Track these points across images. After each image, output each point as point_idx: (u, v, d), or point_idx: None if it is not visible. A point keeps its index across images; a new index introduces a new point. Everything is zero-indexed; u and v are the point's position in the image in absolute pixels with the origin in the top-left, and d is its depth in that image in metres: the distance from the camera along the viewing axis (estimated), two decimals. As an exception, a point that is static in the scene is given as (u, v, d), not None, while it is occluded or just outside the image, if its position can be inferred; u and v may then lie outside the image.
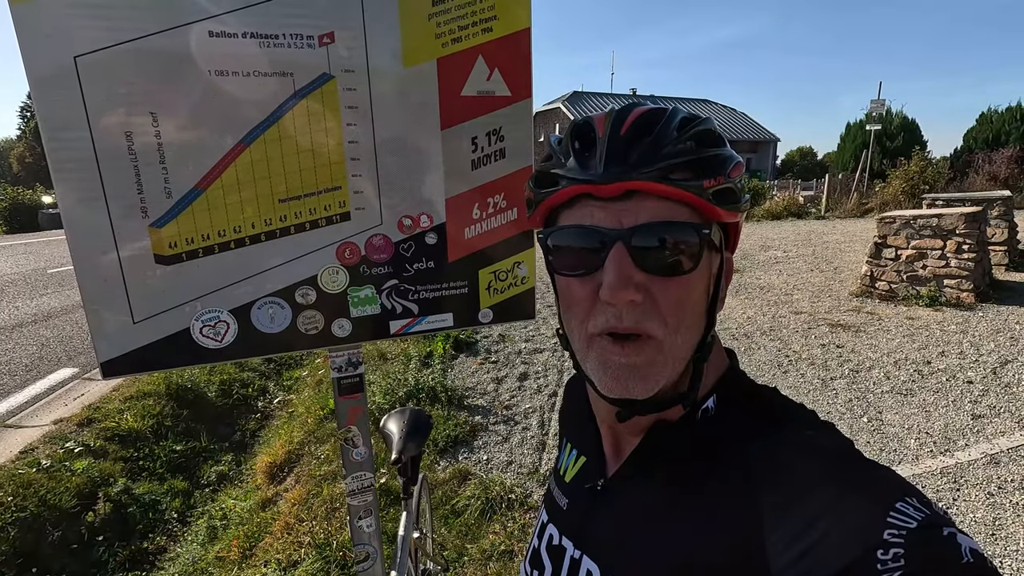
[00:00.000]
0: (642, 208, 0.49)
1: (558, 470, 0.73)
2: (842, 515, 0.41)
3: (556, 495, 0.69)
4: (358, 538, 1.38)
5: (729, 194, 0.50)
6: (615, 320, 0.50)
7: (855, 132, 22.83)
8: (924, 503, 0.41)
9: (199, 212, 1.07)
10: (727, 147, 0.52)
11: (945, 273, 5.85)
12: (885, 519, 0.39)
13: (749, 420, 0.53)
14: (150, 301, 1.07)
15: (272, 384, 5.31)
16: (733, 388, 0.57)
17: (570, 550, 0.62)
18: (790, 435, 0.50)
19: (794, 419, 0.53)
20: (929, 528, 0.39)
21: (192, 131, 1.03)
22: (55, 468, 3.30)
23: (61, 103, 0.94)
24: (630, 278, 0.48)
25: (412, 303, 1.27)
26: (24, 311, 7.14)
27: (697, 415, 0.55)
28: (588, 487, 0.63)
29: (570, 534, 0.63)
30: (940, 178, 13.91)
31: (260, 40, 1.03)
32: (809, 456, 0.47)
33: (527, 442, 3.42)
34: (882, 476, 0.44)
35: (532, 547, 0.69)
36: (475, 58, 1.20)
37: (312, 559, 2.45)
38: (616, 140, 0.49)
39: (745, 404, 0.55)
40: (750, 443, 0.50)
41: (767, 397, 0.56)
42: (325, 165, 1.13)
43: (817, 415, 0.54)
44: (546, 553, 0.65)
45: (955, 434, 3.32)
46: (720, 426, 0.54)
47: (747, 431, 0.52)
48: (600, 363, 0.52)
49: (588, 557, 0.59)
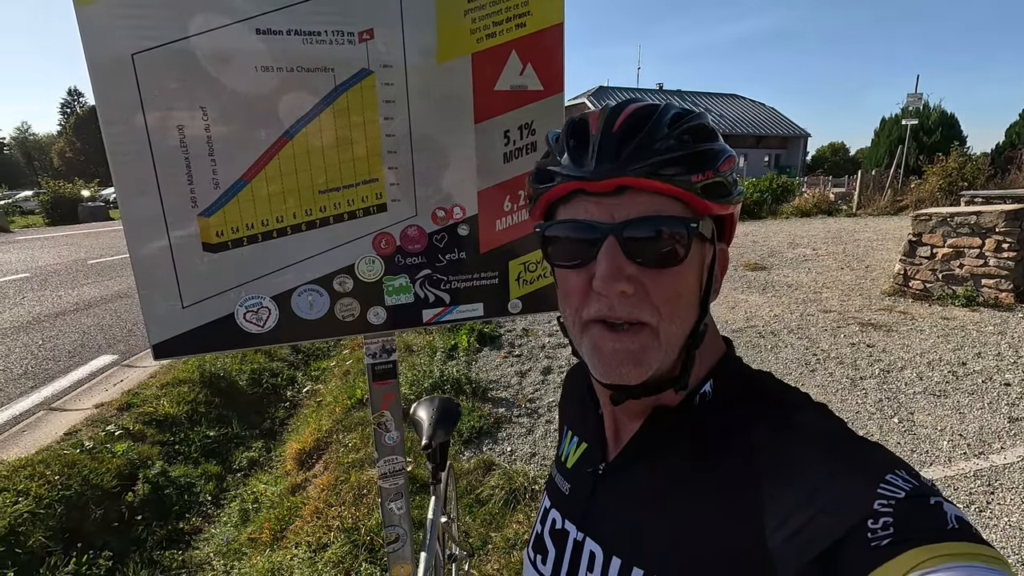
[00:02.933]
0: (634, 203, 0.51)
1: (559, 457, 0.74)
2: (835, 490, 0.43)
3: (558, 481, 0.71)
4: (389, 520, 1.43)
5: (719, 188, 0.52)
6: (607, 309, 0.52)
7: (890, 127, 22.16)
8: (912, 475, 0.43)
9: (244, 202, 1.12)
10: (718, 141, 0.53)
11: (983, 272, 5.68)
12: (875, 490, 0.41)
13: (746, 404, 0.55)
14: (198, 287, 1.13)
15: (300, 374, 5.44)
16: (730, 374, 0.59)
17: (573, 533, 0.63)
18: (786, 418, 0.52)
19: (789, 403, 0.54)
20: (917, 497, 0.41)
21: (239, 125, 1.08)
22: (97, 450, 3.45)
23: (119, 98, 1.00)
24: (621, 270, 0.50)
25: (444, 292, 1.30)
26: (66, 300, 7.43)
27: (695, 400, 0.57)
28: (589, 471, 0.65)
29: (572, 518, 0.65)
30: (980, 175, 13.45)
31: (304, 37, 1.08)
32: (804, 437, 0.49)
33: (550, 435, 3.45)
34: (873, 452, 0.47)
35: (535, 532, 0.71)
36: (508, 53, 1.22)
37: (341, 543, 2.52)
38: (608, 137, 0.51)
39: (742, 389, 0.57)
40: (747, 427, 0.52)
41: (763, 382, 0.58)
42: (363, 157, 1.17)
43: (811, 398, 0.55)
44: (549, 537, 0.67)
45: (990, 437, 3.23)
46: (717, 410, 0.56)
47: (744, 415, 0.54)
48: (593, 349, 0.54)
49: (591, 539, 0.61)
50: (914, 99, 16.65)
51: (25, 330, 6.07)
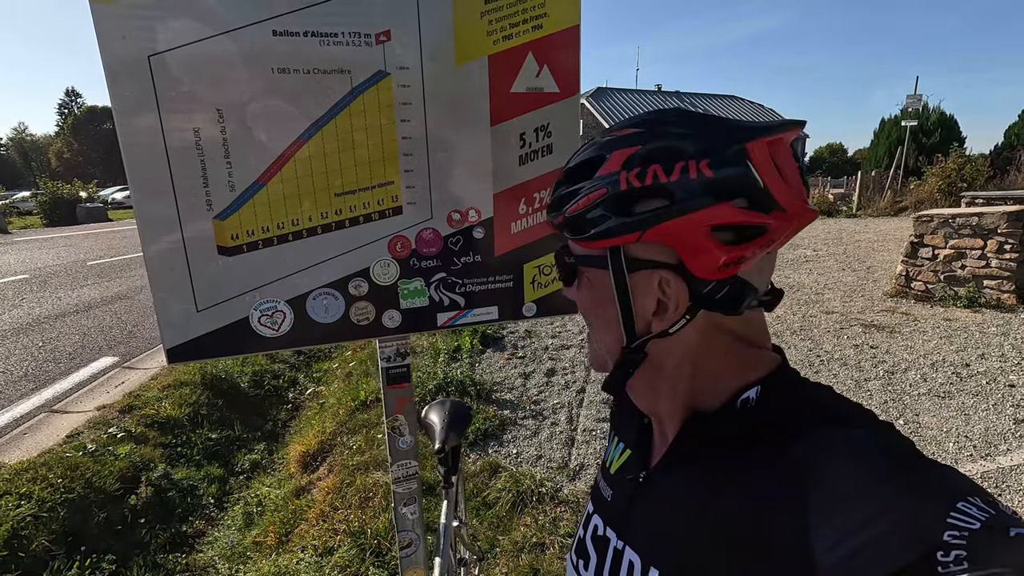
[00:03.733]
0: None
1: (605, 462, 0.74)
2: (898, 515, 0.39)
3: (602, 486, 0.70)
4: (402, 525, 1.42)
5: (572, 225, 0.56)
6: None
7: (890, 128, 22.19)
8: (989, 503, 0.39)
9: (260, 205, 1.11)
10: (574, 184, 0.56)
11: (985, 273, 5.68)
12: (945, 519, 0.37)
13: (796, 415, 0.52)
14: (213, 290, 1.12)
15: (302, 376, 5.42)
16: (780, 382, 0.56)
17: (613, 541, 0.63)
18: (841, 433, 0.48)
19: (845, 417, 0.51)
20: (994, 529, 0.37)
21: (255, 127, 1.07)
22: (99, 452, 3.43)
23: (135, 99, 0.99)
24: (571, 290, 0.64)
25: (459, 296, 1.29)
26: (66, 302, 7.40)
27: (736, 404, 0.55)
28: (630, 478, 0.64)
29: (613, 525, 0.64)
30: (979, 176, 13.46)
31: (320, 39, 1.07)
32: (861, 454, 0.45)
33: (556, 437, 3.43)
34: (943, 475, 0.42)
35: (578, 537, 0.70)
36: (525, 55, 1.21)
37: (347, 546, 2.50)
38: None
39: (792, 399, 0.54)
40: (796, 438, 0.49)
41: (817, 394, 0.55)
42: (379, 160, 1.16)
43: (875, 415, 0.51)
44: (591, 543, 0.66)
45: (996, 438, 3.23)
46: (762, 418, 0.53)
47: (793, 426, 0.51)
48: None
49: (630, 548, 0.59)
50: (913, 100, 16.68)
51: (25, 332, 6.04)
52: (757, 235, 0.50)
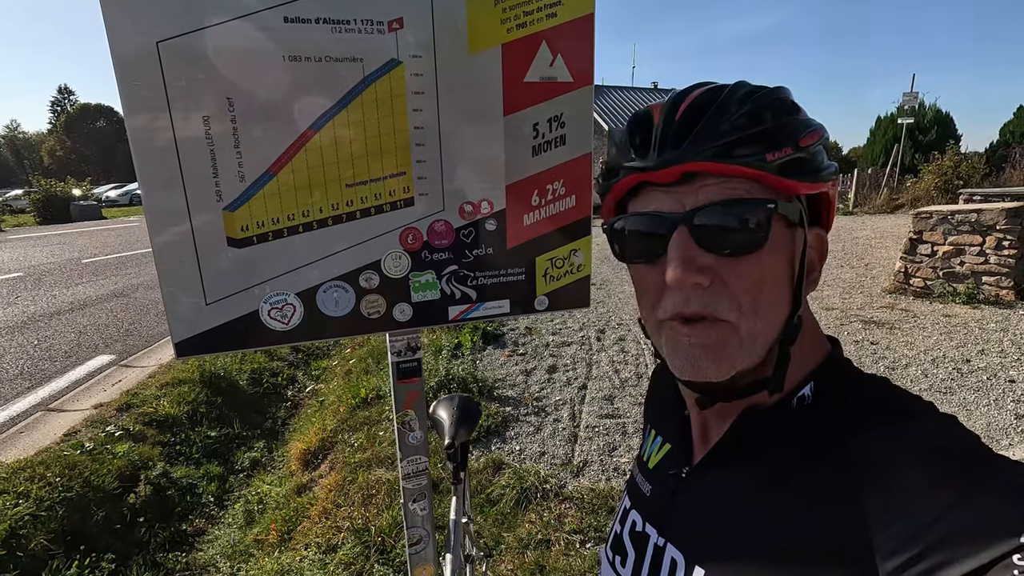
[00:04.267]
0: (704, 189, 0.48)
1: (641, 456, 0.72)
2: (969, 514, 0.38)
3: (639, 481, 0.68)
4: (411, 521, 1.40)
5: (800, 164, 0.47)
6: (683, 304, 0.49)
7: (886, 126, 22.25)
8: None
9: (270, 196, 1.08)
10: (798, 115, 0.49)
11: (984, 270, 5.70)
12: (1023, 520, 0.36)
13: (853, 411, 0.49)
14: (222, 283, 1.09)
15: (301, 373, 5.40)
16: (835, 376, 0.54)
17: (653, 537, 0.61)
18: (901, 428, 0.46)
19: (906, 410, 0.48)
20: None
21: (265, 116, 1.04)
22: (97, 451, 3.40)
23: (144, 87, 0.96)
24: (693, 260, 0.47)
25: (471, 289, 1.27)
26: (61, 300, 7.34)
27: (792, 402, 0.53)
28: (672, 474, 0.62)
29: (653, 521, 0.62)
30: (975, 173, 13.53)
31: (332, 26, 1.04)
32: (924, 451, 0.43)
33: (559, 434, 3.42)
34: (1016, 472, 0.40)
35: (614, 532, 0.68)
36: (539, 44, 1.19)
37: (351, 544, 2.49)
38: (670, 125, 0.49)
39: (848, 393, 0.52)
40: (853, 436, 0.47)
41: (875, 387, 0.52)
42: (391, 150, 1.14)
43: (936, 407, 0.48)
44: (629, 539, 0.64)
45: (998, 434, 3.24)
46: (819, 416, 0.51)
47: (850, 423, 0.48)
48: (671, 346, 0.52)
49: (672, 545, 0.58)
50: (910, 98, 16.70)
51: (20, 330, 5.98)
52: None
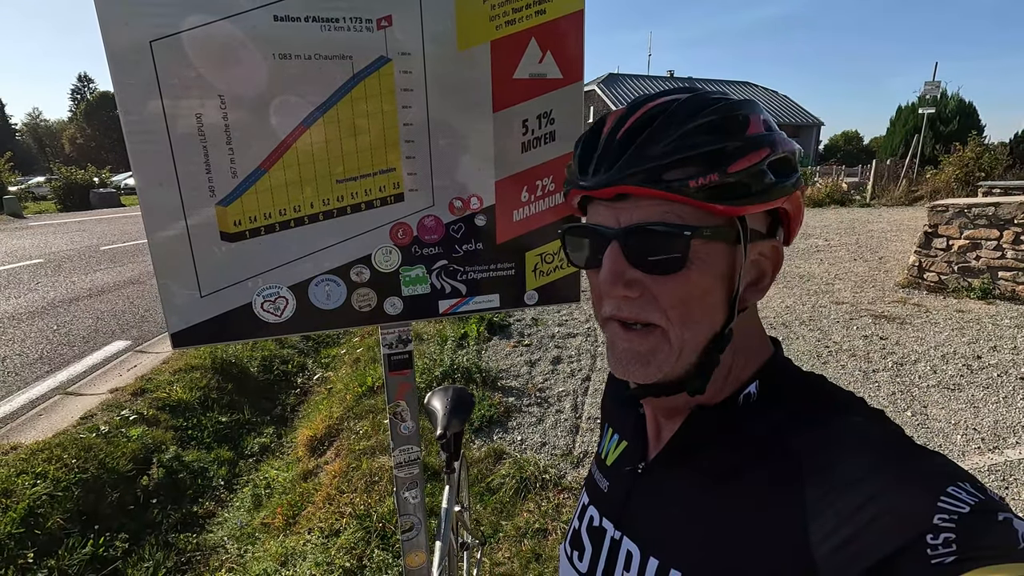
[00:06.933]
0: (637, 208, 0.50)
1: (599, 454, 0.74)
2: (890, 500, 0.41)
3: (597, 478, 0.70)
4: (404, 509, 1.44)
5: (728, 189, 0.48)
6: (616, 309, 0.53)
7: (906, 116, 21.80)
8: (978, 488, 0.40)
9: (262, 192, 1.11)
10: (738, 135, 0.48)
11: (1000, 265, 5.60)
12: (936, 503, 0.39)
13: (792, 407, 0.53)
14: (216, 276, 1.13)
15: (311, 361, 5.47)
16: (777, 375, 0.57)
17: (610, 531, 0.63)
18: (837, 423, 0.49)
19: (839, 406, 0.52)
20: (982, 513, 0.38)
21: (257, 113, 1.07)
22: (112, 434, 3.49)
23: (137, 85, 0.99)
24: (622, 275, 0.51)
25: (460, 283, 1.29)
26: (80, 286, 7.50)
27: (739, 400, 0.55)
28: (628, 470, 0.64)
29: (610, 516, 0.64)
30: (997, 165, 13.20)
31: (322, 24, 1.06)
32: (857, 444, 0.47)
33: (560, 424, 3.45)
34: (933, 461, 0.44)
35: (572, 528, 0.71)
36: (528, 40, 1.20)
37: (353, 529, 2.55)
38: (610, 144, 0.50)
39: (789, 391, 0.55)
40: (792, 429, 0.50)
41: (814, 385, 0.56)
42: (380, 147, 1.16)
43: (866, 403, 0.53)
44: (587, 534, 0.67)
45: (1006, 431, 3.20)
46: (763, 413, 0.54)
47: (789, 417, 0.52)
48: (609, 344, 0.57)
49: (628, 538, 0.60)
50: (931, 87, 16.33)
51: (40, 315, 6.14)
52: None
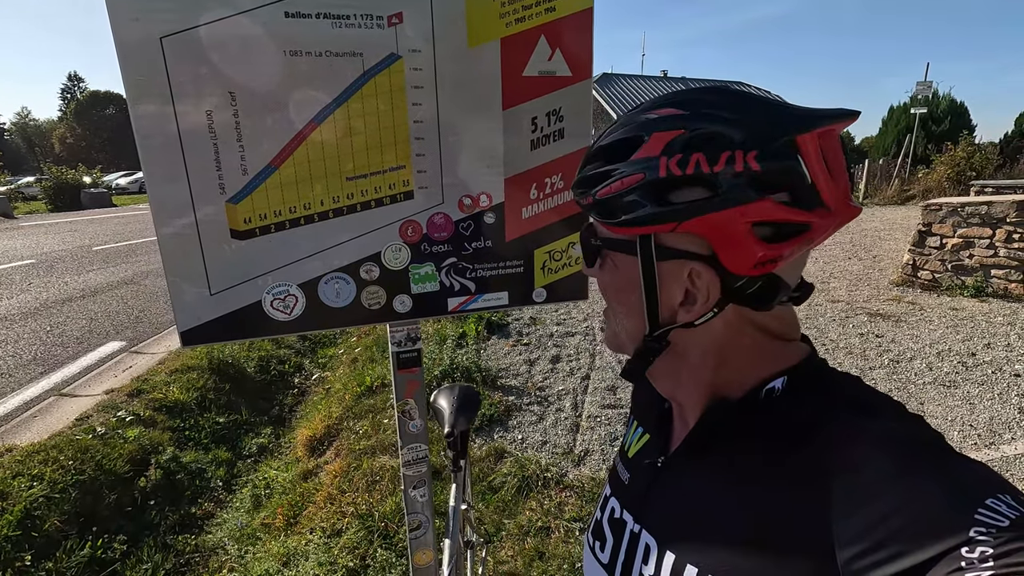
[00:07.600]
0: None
1: (623, 447, 0.74)
2: (924, 508, 0.39)
3: (620, 470, 0.71)
4: (411, 507, 1.43)
5: (603, 208, 0.53)
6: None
7: (898, 116, 21.89)
8: (1020, 500, 0.38)
9: (272, 189, 1.11)
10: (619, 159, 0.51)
11: (993, 263, 5.65)
12: (973, 515, 0.37)
13: (822, 406, 0.51)
14: (225, 274, 1.12)
15: (308, 361, 5.45)
16: (806, 373, 0.55)
17: (630, 524, 0.63)
18: (867, 424, 0.47)
19: (872, 406, 0.49)
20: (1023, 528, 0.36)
21: (267, 110, 1.06)
22: (109, 435, 3.46)
23: (148, 82, 0.98)
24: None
25: (469, 281, 1.29)
26: (72, 286, 7.43)
27: (760, 395, 0.54)
28: (648, 463, 0.64)
29: (630, 508, 0.64)
30: (988, 164, 13.33)
31: (333, 20, 1.06)
32: (888, 446, 0.44)
33: (561, 423, 3.46)
34: (972, 469, 0.41)
35: (595, 519, 0.71)
36: (538, 38, 1.20)
37: (355, 528, 2.54)
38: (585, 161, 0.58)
39: (818, 388, 0.53)
40: (821, 427, 0.48)
41: (845, 384, 0.54)
42: (391, 144, 1.16)
43: (904, 407, 0.50)
44: (608, 525, 0.67)
45: (1001, 427, 3.23)
46: (787, 407, 0.53)
47: (818, 417, 0.50)
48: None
49: (646, 532, 0.60)
50: (923, 87, 16.42)
51: (33, 316, 6.08)
52: (797, 233, 0.48)
